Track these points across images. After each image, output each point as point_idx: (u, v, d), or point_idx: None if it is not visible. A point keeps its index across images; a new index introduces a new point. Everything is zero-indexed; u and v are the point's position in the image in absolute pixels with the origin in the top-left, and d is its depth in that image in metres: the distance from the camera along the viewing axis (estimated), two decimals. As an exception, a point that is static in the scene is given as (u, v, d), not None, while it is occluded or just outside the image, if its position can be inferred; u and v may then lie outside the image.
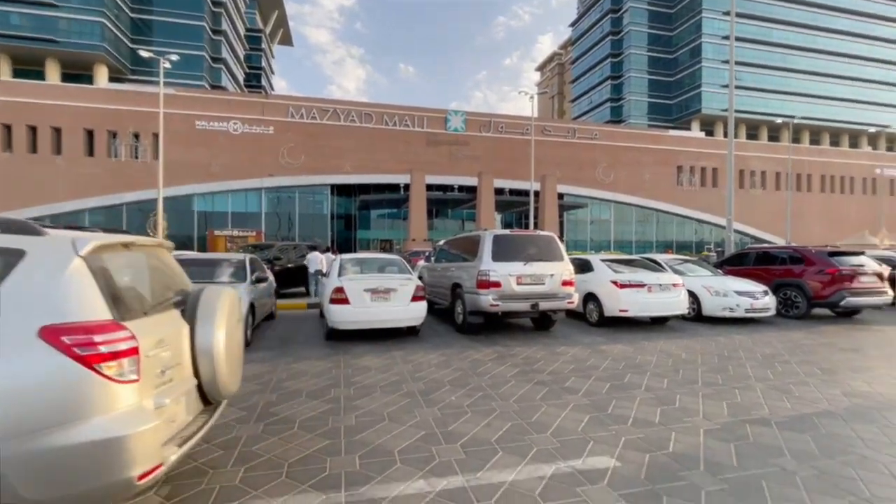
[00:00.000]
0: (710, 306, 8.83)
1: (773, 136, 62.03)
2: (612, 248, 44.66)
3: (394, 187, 40.33)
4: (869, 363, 5.84)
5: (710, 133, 58.20)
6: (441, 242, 10.56)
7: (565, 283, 7.52)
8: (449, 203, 42.23)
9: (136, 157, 35.71)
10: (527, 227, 37.05)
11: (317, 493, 2.64)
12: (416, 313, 7.06)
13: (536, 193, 35.35)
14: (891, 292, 9.31)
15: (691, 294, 8.94)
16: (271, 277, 9.64)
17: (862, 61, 65.70)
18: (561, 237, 40.51)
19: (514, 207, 42.48)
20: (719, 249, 35.25)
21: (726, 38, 55.51)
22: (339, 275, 7.27)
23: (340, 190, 41.52)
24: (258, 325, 8.41)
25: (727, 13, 50.18)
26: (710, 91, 61.58)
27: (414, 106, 42.52)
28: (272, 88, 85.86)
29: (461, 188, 41.27)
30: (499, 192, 38.57)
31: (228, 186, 37.55)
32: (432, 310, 10.59)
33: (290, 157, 38.64)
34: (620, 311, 7.99)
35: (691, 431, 3.57)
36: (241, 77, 70.08)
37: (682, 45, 65.18)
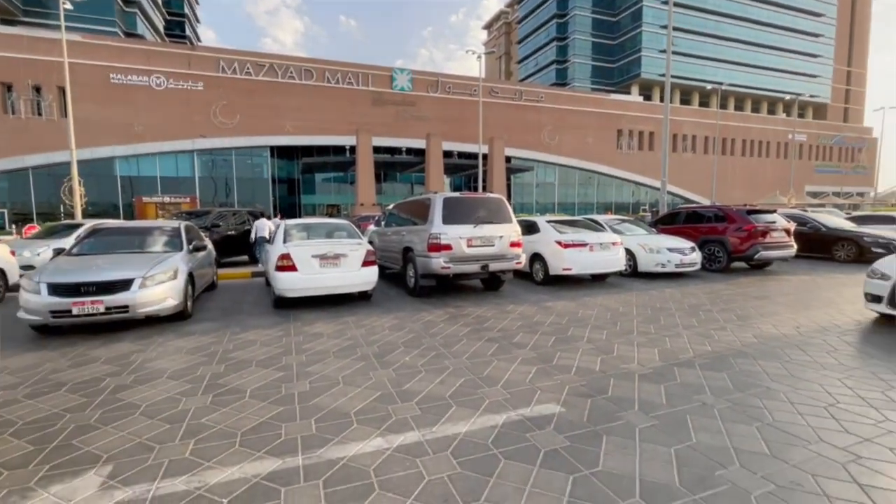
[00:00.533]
0: (645, 263, 9.48)
1: (704, 102, 65.54)
2: (556, 210, 46.21)
3: (339, 149, 38.73)
4: (775, 309, 6.59)
5: (647, 98, 60.40)
6: (391, 206, 10.40)
7: (513, 245, 7.72)
8: (397, 166, 41.37)
9: (40, 114, 31.54)
10: (476, 190, 37.26)
11: (273, 458, 2.64)
12: (367, 278, 7.00)
13: (485, 156, 35.42)
14: (795, 245, 10.43)
15: (628, 252, 9.52)
16: (210, 245, 9.10)
17: (785, 31, 70.01)
18: (508, 200, 41.29)
19: (463, 171, 42.44)
20: (654, 209, 37.54)
21: (666, 2, 56.90)
22: (285, 241, 7.00)
23: (281, 152, 39.29)
24: (199, 297, 7.99)
25: (667, -23, 51.46)
26: (649, 56, 63.37)
27: (358, 63, 40.43)
28: (198, 39, 77.88)
29: (409, 151, 40.43)
30: (447, 154, 38.22)
31: (155, 148, 34.33)
32: (384, 274, 10.56)
33: (224, 116, 35.78)
34: (564, 269, 8.38)
35: (628, 377, 3.90)
36: (160, 24, 62.80)
37: (625, 7, 66.00)
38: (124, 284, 5.40)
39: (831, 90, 74.17)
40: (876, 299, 5.49)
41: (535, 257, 8.98)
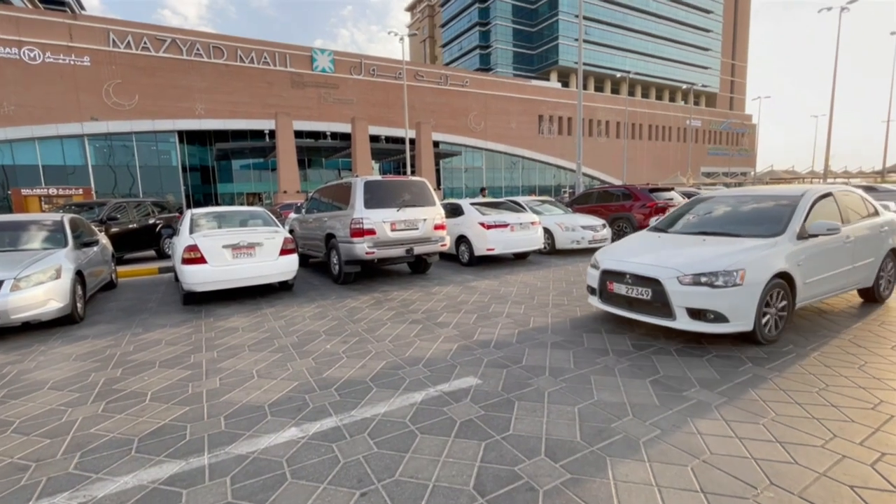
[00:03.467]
0: (562, 240, 10.05)
1: (615, 89, 70.06)
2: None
3: (257, 134, 36.31)
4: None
5: (565, 84, 63.29)
6: (311, 193, 10.00)
7: (437, 227, 7.79)
8: (322, 151, 39.71)
9: None
10: (404, 174, 36.92)
11: (174, 461, 2.46)
12: (286, 267, 6.69)
13: (412, 141, 35.14)
14: (691, 220, 11.61)
15: (547, 231, 10.03)
16: (105, 240, 8.16)
17: (682, 26, 76.53)
18: (438, 185, 41.47)
19: (392, 156, 41.79)
20: (571, 190, 39.80)
21: (580, -8, 59.40)
22: (192, 231, 6.47)
23: (192, 137, 35.96)
24: (93, 297, 7.18)
25: (580, -32, 53.65)
26: (566, 44, 66.21)
27: (274, 41, 37.84)
28: (81, 8, 68.16)
29: (334, 135, 38.92)
30: (375, 139, 37.38)
31: (34, 133, 29.80)
32: (308, 264, 10.20)
33: (119, 96, 31.89)
34: (488, 249, 8.63)
35: (541, 346, 4.13)
36: (29, -12, 53.94)
37: (543, -5, 68.10)
38: (-10, 288, 4.68)
39: (720, 81, 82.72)
40: (592, 291, 4.72)
41: (461, 239, 9.15)
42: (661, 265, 4.04)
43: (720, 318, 3.68)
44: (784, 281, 3.90)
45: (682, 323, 3.83)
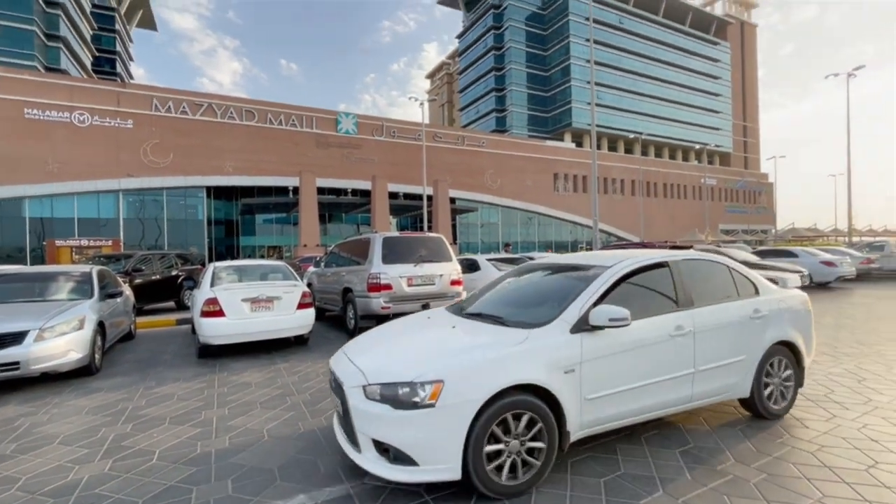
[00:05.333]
0: (581, 298, 9.87)
1: (629, 149, 71.88)
2: (500, 249, 47.52)
3: (282, 190, 37.91)
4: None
5: (579, 144, 65.26)
6: (331, 247, 10.23)
7: (454, 283, 7.80)
8: (343, 207, 41.08)
9: (-66, 150, 28.35)
10: (421, 230, 37.59)
11: (177, 528, 2.35)
12: (303, 321, 6.70)
13: (430, 198, 36.15)
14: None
15: (565, 288, 9.90)
16: (128, 292, 8.37)
17: (690, 90, 79.58)
18: (454, 240, 42.01)
19: (409, 211, 42.90)
20: (588, 247, 39.73)
21: (589, 61, 62.87)
22: (213, 284, 6.59)
23: (219, 193, 37.74)
24: (111, 348, 7.24)
25: (588, 39, 57.40)
26: (578, 107, 69.15)
27: (301, 105, 40.52)
28: (130, 77, 74.95)
29: (355, 192, 40.39)
30: (393, 196, 38.60)
31: (74, 188, 31.73)
32: (324, 317, 10.20)
33: (155, 155, 34.05)
34: (505, 306, 8.52)
35: (561, 410, 3.94)
36: (87, 61, 59.89)
37: (555, 64, 72.23)
38: (15, 338, 4.77)
39: (732, 141, 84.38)
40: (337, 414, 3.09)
41: (477, 295, 9.08)
42: (357, 365, 2.77)
43: (402, 458, 2.39)
44: (536, 398, 2.55)
45: (369, 460, 2.51)
